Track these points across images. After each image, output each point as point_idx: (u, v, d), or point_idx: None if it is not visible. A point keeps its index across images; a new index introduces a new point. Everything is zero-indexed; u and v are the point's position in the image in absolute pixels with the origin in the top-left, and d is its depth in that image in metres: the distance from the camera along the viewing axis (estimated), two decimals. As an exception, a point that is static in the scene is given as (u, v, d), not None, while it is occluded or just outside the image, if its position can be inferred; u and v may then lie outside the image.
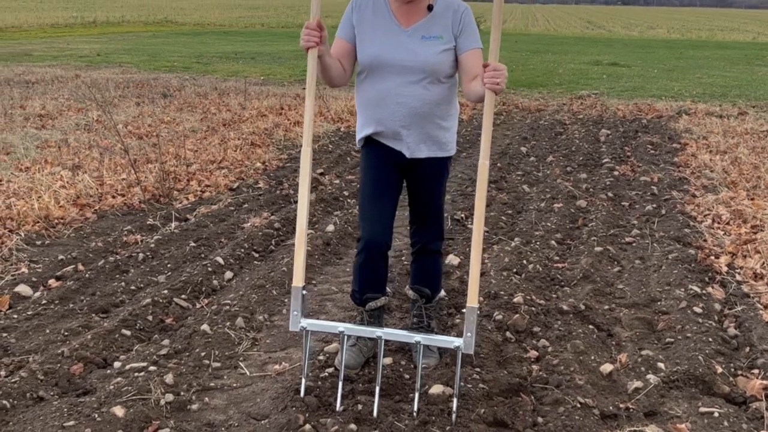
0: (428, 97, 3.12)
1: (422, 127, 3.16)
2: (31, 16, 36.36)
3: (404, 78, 3.09)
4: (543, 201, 6.12)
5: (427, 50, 3.09)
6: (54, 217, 5.37)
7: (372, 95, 3.16)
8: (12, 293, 4.05)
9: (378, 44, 3.10)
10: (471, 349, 2.88)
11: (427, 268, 3.46)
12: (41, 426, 2.76)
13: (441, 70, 3.11)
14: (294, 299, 2.97)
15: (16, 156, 7.36)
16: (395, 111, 3.13)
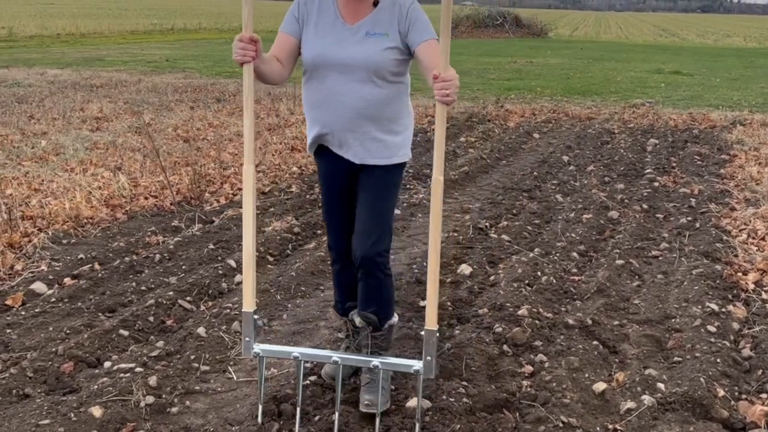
0: (374, 97, 2.94)
1: (369, 130, 2.98)
2: (114, 23, 37.69)
3: (348, 77, 2.92)
4: (573, 211, 5.96)
5: (370, 47, 2.91)
6: (84, 216, 5.53)
7: (316, 96, 3.00)
8: (27, 290, 4.18)
9: (321, 42, 2.94)
10: (431, 373, 2.73)
11: (372, 290, 3.10)
12: (18, 423, 2.83)
13: (385, 67, 2.91)
14: (245, 325, 2.85)
15: (65, 157, 7.62)
16: (339, 112, 2.96)
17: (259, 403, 2.93)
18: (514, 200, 6.39)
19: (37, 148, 8.00)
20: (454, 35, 35.84)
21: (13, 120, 9.60)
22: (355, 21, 2.95)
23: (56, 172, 6.85)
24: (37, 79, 13.93)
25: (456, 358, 3.42)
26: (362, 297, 3.14)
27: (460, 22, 38.01)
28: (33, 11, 46.60)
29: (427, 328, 2.70)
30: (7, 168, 7.00)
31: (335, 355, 2.85)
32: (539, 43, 30.30)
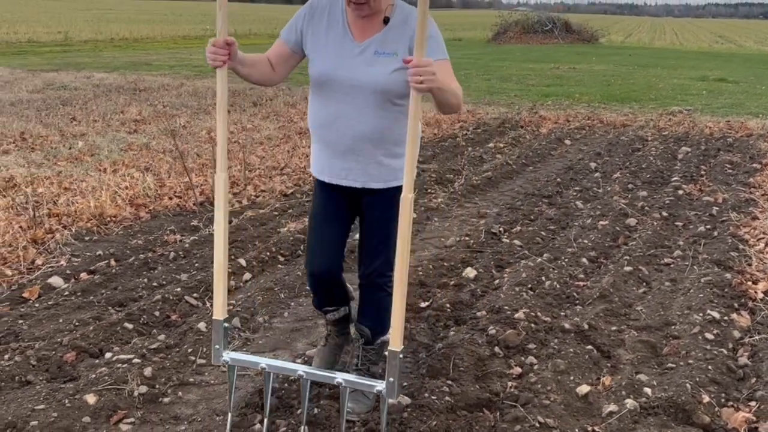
0: (380, 120, 2.84)
1: (373, 154, 2.89)
2: (167, 28, 38.57)
3: (353, 98, 2.83)
4: (590, 218, 5.93)
5: (378, 68, 2.79)
6: (108, 215, 5.73)
7: (321, 115, 2.92)
8: (44, 284, 4.37)
9: (327, 60, 2.84)
10: (393, 396, 2.66)
11: (370, 305, 3.16)
12: (15, 407, 2.98)
13: (393, 90, 2.80)
14: (215, 333, 2.85)
15: (99, 158, 7.88)
16: (343, 135, 2.87)
17: (228, 411, 2.91)
18: (533, 206, 6.39)
19: (74, 148, 8.29)
20: (502, 41, 35.80)
21: (55, 121, 9.96)
22: (364, 38, 2.84)
23: (88, 172, 7.10)
24: (84, 83, 14.38)
25: (444, 358, 3.47)
26: (360, 309, 3.21)
27: (509, 27, 37.84)
28: (89, 16, 48.04)
29: (391, 348, 2.61)
30: (43, 167, 7.28)
31: (301, 369, 2.80)
32: (588, 49, 29.96)
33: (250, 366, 2.88)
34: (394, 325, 2.61)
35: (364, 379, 2.81)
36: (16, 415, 2.91)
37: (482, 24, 42.56)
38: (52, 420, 2.90)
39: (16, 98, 12.14)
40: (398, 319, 2.61)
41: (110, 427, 2.96)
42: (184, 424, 3.02)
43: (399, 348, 2.61)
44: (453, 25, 54.46)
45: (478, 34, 40.23)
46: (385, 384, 2.66)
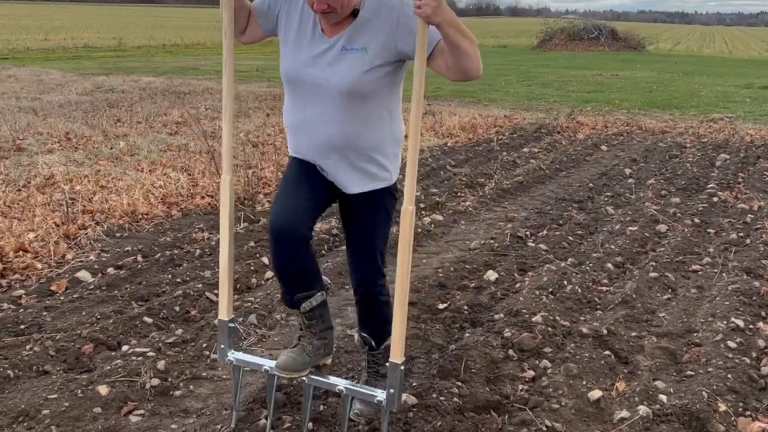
0: (350, 124, 2.61)
1: (345, 159, 2.68)
2: (218, 35, 39.14)
3: (321, 99, 2.60)
4: (620, 224, 5.84)
5: (344, 66, 2.55)
6: (140, 212, 5.84)
7: (292, 118, 2.73)
8: (72, 278, 4.47)
9: (295, 58, 2.63)
10: (394, 406, 2.63)
11: (367, 315, 3.01)
12: (30, 396, 3.06)
13: (361, 90, 2.56)
14: (220, 333, 2.88)
15: (138, 158, 8.04)
16: (312, 140, 2.68)
17: (233, 410, 2.94)
18: (563, 211, 6.32)
19: (116, 149, 8.47)
20: (547, 48, 35.50)
21: (100, 122, 10.19)
22: (334, 33, 2.60)
23: (126, 171, 7.25)
24: (131, 86, 14.70)
25: (456, 359, 3.45)
26: (359, 318, 3.07)
27: (554, 34, 37.54)
28: (144, 23, 49.18)
29: (392, 360, 2.58)
30: (84, 166, 7.46)
31: (303, 375, 2.76)
32: (633, 57, 29.54)
33: (254, 367, 2.90)
34: (395, 337, 2.58)
35: (366, 388, 2.79)
36: (29, 404, 2.99)
37: (529, 31, 42.30)
38: (63, 409, 2.97)
39: (65, 100, 12.47)
40: (399, 331, 2.58)
41: (120, 418, 3.01)
42: (193, 418, 3.06)
43: (400, 360, 2.58)
44: (499, 32, 54.21)
45: (523, 42, 39.98)
46: (385, 394, 2.65)
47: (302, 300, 2.76)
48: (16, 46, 26.91)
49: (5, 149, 8.26)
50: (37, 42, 29.21)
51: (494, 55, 30.71)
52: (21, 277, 4.48)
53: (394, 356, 2.60)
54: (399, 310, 2.58)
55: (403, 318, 2.59)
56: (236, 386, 2.93)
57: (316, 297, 2.77)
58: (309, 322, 2.81)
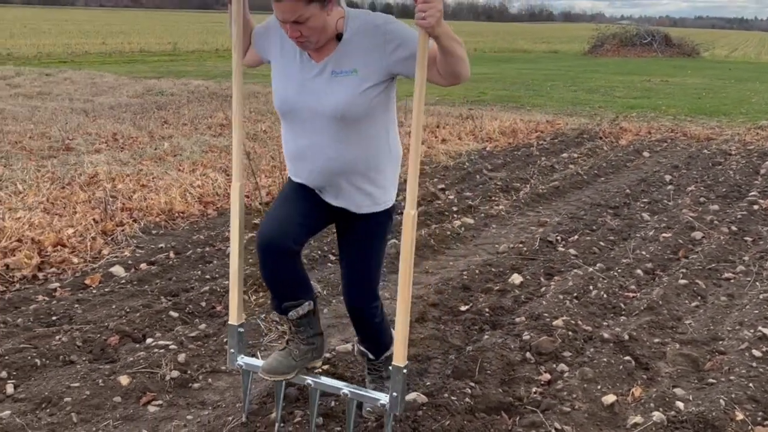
0: (347, 148, 2.58)
1: (345, 183, 2.65)
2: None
3: (315, 126, 2.57)
4: (654, 230, 5.75)
5: (337, 90, 2.52)
6: (176, 211, 5.99)
7: (289, 146, 2.71)
8: (106, 273, 4.62)
9: (285, 85, 2.61)
10: (397, 409, 2.65)
11: (363, 330, 2.97)
12: (54, 384, 3.17)
13: (358, 112, 2.53)
14: (230, 337, 2.93)
15: (180, 158, 8.23)
16: (312, 167, 2.65)
17: (243, 412, 2.99)
18: (597, 216, 6.25)
19: (159, 149, 8.69)
20: (599, 53, 35.05)
21: (147, 124, 10.46)
22: (321, 58, 2.56)
23: (167, 171, 7.42)
24: (181, 89, 15.02)
25: (472, 360, 3.45)
26: (357, 332, 3.03)
27: (606, 40, 37.06)
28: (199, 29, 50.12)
29: (395, 364, 2.61)
30: (128, 166, 7.66)
31: (309, 378, 2.82)
32: (686, 63, 28.96)
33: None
34: (398, 341, 2.61)
35: (369, 391, 2.82)
36: (53, 391, 3.10)
37: (581, 37, 41.83)
38: (84, 397, 3.07)
39: (116, 102, 12.82)
40: (401, 336, 2.60)
41: (138, 407, 3.10)
42: (209, 409, 3.13)
43: (402, 363, 2.61)
44: (551, 38, 53.74)
45: (574, 47, 39.58)
46: (388, 398, 2.67)
47: (290, 308, 2.78)
48: (75, 50, 27.76)
49: (54, 149, 8.54)
50: (96, 46, 30.07)
51: (544, 60, 30.48)
52: (57, 270, 4.64)
53: (396, 360, 2.63)
54: (402, 315, 2.59)
55: (406, 322, 2.60)
56: (245, 389, 2.99)
57: (303, 306, 2.78)
58: (297, 329, 2.82)
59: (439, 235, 5.49)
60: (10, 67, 19.04)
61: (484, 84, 18.22)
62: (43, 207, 5.78)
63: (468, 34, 57.41)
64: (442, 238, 5.47)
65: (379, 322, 2.93)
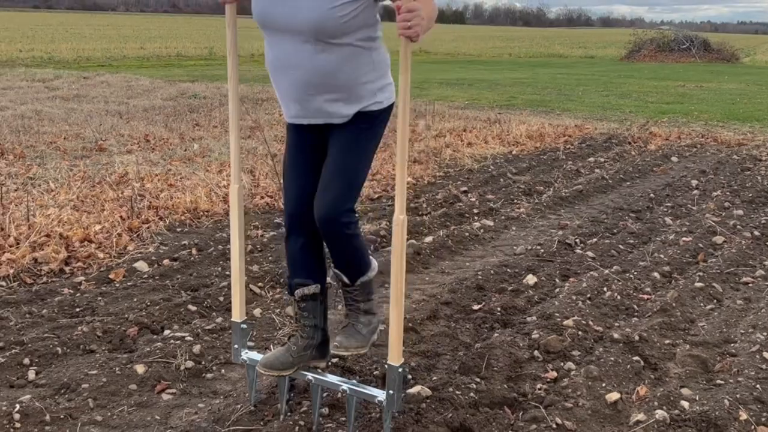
0: (323, 65, 2.58)
1: (325, 95, 2.65)
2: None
3: (293, 40, 2.57)
4: (675, 234, 5.73)
5: (313, 4, 2.51)
6: (201, 209, 6.13)
7: (268, 61, 2.70)
8: (130, 268, 4.75)
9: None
10: (394, 407, 2.72)
11: (336, 252, 2.81)
12: (73, 371, 3.29)
13: (332, 26, 2.52)
14: (234, 334, 3.05)
15: (208, 159, 8.40)
16: (289, 82, 2.65)
17: (249, 406, 3.07)
18: (618, 220, 6.24)
19: (189, 150, 8.87)
20: (636, 58, 34.71)
21: (179, 126, 10.67)
22: None
23: (195, 172, 7.59)
24: (213, 92, 15.26)
25: (479, 357, 3.50)
26: (331, 255, 2.87)
27: (643, 45, 36.68)
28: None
29: (390, 363, 2.69)
30: (157, 166, 7.84)
31: (310, 375, 2.89)
32: (724, 69, 28.52)
33: None
34: (392, 340, 2.69)
35: (367, 388, 2.87)
36: (71, 378, 3.23)
37: (618, 42, 41.44)
38: (101, 384, 3.19)
39: (150, 105, 13.09)
40: (396, 335, 2.69)
41: (153, 395, 3.21)
42: (220, 398, 3.23)
43: (398, 362, 2.68)
44: (588, 43, 53.28)
45: (611, 52, 39.25)
46: (384, 395, 2.74)
47: (298, 286, 2.87)
48: (113, 54, 28.34)
49: (88, 149, 8.78)
50: (134, 50, 30.67)
51: (580, 65, 30.30)
52: (83, 265, 4.79)
53: (392, 359, 2.71)
54: (395, 314, 2.68)
55: (400, 322, 2.68)
56: (251, 383, 3.08)
57: (310, 287, 2.86)
58: (300, 312, 2.90)
59: (457, 236, 5.53)
60: (50, 70, 19.55)
61: (516, 88, 18.21)
62: (73, 204, 5.96)
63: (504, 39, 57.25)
64: (460, 239, 5.52)
65: (355, 241, 2.78)
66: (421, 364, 3.51)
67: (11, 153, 8.22)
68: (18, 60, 23.54)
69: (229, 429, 2.90)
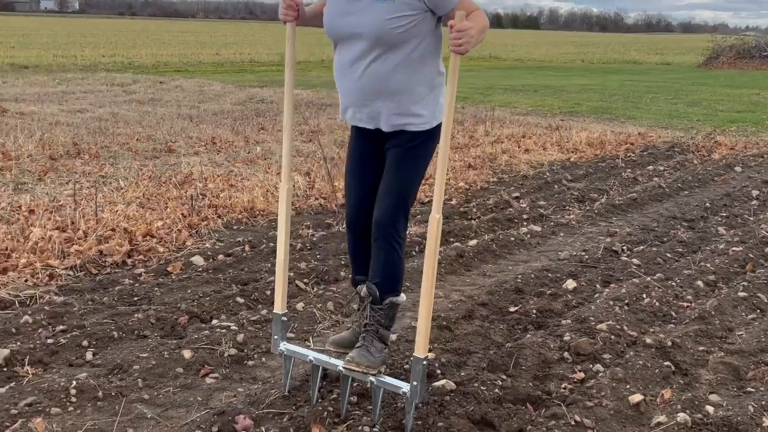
0: (385, 71, 2.89)
1: (380, 100, 2.95)
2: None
3: (356, 48, 2.90)
4: (726, 243, 5.67)
5: (373, 15, 2.84)
6: (257, 209, 6.40)
7: (335, 67, 3.04)
8: (187, 261, 5.03)
9: (332, 12, 2.98)
10: (417, 398, 2.86)
11: (378, 259, 3.06)
12: (126, 353, 3.56)
13: (391, 36, 2.83)
14: (275, 324, 3.23)
15: (270, 161, 8.70)
16: (352, 87, 2.97)
17: (284, 392, 3.25)
18: (669, 228, 6.21)
19: (252, 153, 9.21)
20: (714, 65, 33.78)
21: (244, 129, 11.05)
22: None
23: (256, 173, 7.89)
24: (280, 97, 15.66)
25: (508, 356, 3.60)
26: (372, 265, 3.12)
27: (722, 52, 35.67)
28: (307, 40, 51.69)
29: (415, 355, 2.84)
30: (221, 167, 8.18)
31: (341, 365, 3.04)
32: (807, 76, 27.46)
33: (301, 357, 3.20)
34: (420, 333, 2.85)
35: (392, 380, 3.00)
36: (124, 360, 3.49)
37: (697, 48, 40.41)
38: (150, 366, 3.44)
39: (219, 109, 13.57)
40: (423, 327, 2.83)
41: (197, 378, 3.44)
42: (258, 384, 3.43)
43: (423, 355, 2.83)
44: (665, 49, 52.14)
45: (689, 59, 38.33)
46: (409, 387, 2.89)
47: (359, 282, 3.26)
48: (190, 59, 29.32)
49: (158, 150, 9.21)
50: (209, 56, 31.62)
51: (654, 72, 29.68)
52: (144, 258, 5.10)
53: (417, 351, 2.86)
54: (425, 307, 2.84)
55: (428, 314, 2.85)
56: (287, 371, 3.27)
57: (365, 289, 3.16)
58: (361, 303, 3.20)
59: (503, 240, 5.62)
60: (129, 75, 20.42)
61: (582, 95, 18.05)
62: (139, 202, 6.31)
63: (578, 45, 56.51)
64: (505, 243, 5.61)
65: (394, 252, 3.03)
66: (451, 360, 3.63)
67: (87, 153, 8.71)
68: (100, 65, 24.64)
69: (263, 411, 3.09)
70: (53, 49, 31.48)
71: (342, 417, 3.08)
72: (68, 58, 26.84)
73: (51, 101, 13.70)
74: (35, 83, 17.25)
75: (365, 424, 2.98)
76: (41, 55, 27.22)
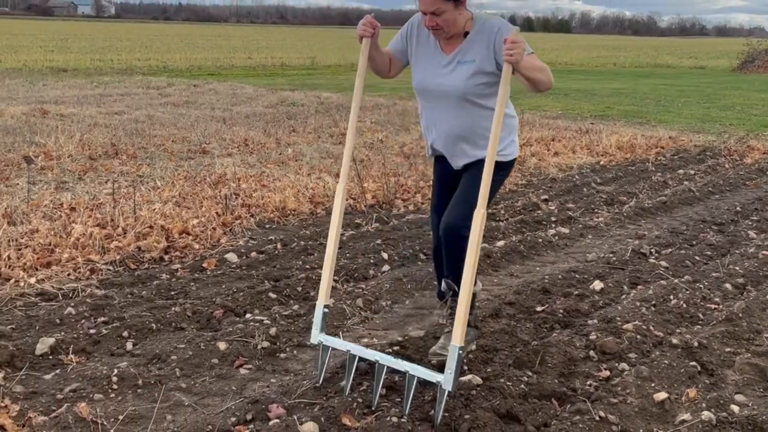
0: (467, 120, 3.43)
1: (464, 147, 3.49)
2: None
3: (442, 102, 3.44)
4: (756, 247, 5.67)
5: (458, 76, 3.38)
6: (289, 208, 6.53)
7: (423, 117, 3.59)
8: (221, 258, 5.18)
9: (422, 73, 3.48)
10: (450, 386, 2.97)
11: (451, 258, 3.52)
12: (164, 344, 3.69)
13: (473, 92, 3.38)
14: (316, 315, 3.37)
15: (301, 162, 8.85)
16: (439, 134, 3.51)
17: (317, 379, 3.37)
18: (699, 232, 6.22)
19: (284, 154, 9.36)
20: (749, 69, 33.31)
21: (276, 131, 11.22)
22: (451, 51, 3.44)
23: (287, 174, 8.03)
24: (311, 100, 15.86)
25: (534, 353, 3.67)
26: (446, 265, 3.58)
27: (758, 56, 35.16)
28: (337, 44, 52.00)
29: (452, 344, 2.98)
30: (254, 168, 8.34)
31: (377, 356, 3.19)
32: None
33: (338, 348, 3.33)
34: (457, 323, 2.98)
35: (427, 371, 3.10)
36: (162, 350, 3.62)
37: (732, 52, 39.87)
38: (187, 357, 3.57)
39: (251, 111, 13.77)
40: (461, 318, 2.98)
41: (232, 369, 3.56)
42: (291, 376, 3.54)
43: (459, 344, 2.97)
44: (699, 53, 51.51)
45: (723, 63, 37.87)
46: (444, 376, 2.99)
47: (444, 293, 3.67)
48: (222, 63, 29.71)
49: (193, 151, 9.41)
50: (242, 60, 32.01)
51: (687, 76, 29.41)
52: (180, 254, 5.25)
53: (454, 340, 2.97)
54: (464, 299, 2.98)
55: (467, 306, 2.98)
56: (322, 363, 3.37)
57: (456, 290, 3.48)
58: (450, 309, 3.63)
59: (530, 241, 5.68)
60: (164, 78, 20.77)
61: (613, 99, 17.98)
62: (175, 201, 6.48)
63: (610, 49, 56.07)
64: (533, 244, 5.66)
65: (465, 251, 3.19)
66: (478, 357, 3.71)
67: (125, 153, 8.94)
68: (136, 68, 25.09)
69: (295, 401, 3.20)
70: (90, 53, 32.12)
71: (373, 408, 3.17)
72: (105, 61, 27.40)
73: (89, 103, 14.03)
74: (74, 86, 17.67)
75: (394, 415, 3.07)
76: (79, 59, 27.82)
